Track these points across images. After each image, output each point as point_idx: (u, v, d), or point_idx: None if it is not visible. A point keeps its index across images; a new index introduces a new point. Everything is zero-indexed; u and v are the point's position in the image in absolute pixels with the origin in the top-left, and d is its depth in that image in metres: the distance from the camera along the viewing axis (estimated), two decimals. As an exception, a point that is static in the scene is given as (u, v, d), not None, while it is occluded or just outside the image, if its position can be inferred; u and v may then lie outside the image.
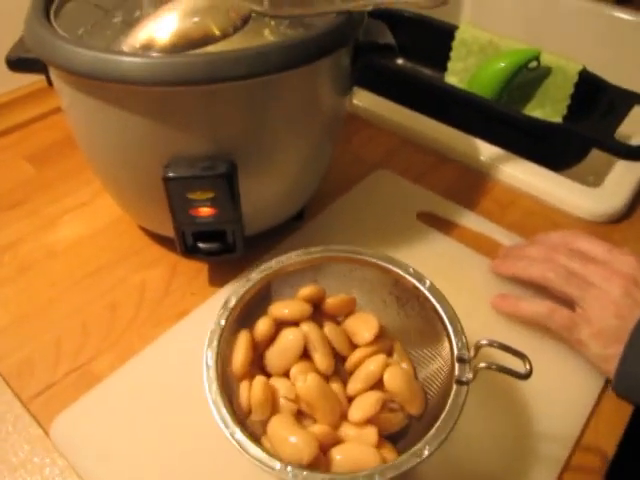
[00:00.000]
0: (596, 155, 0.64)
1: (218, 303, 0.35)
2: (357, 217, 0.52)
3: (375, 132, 0.64)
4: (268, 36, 0.36)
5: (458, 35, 0.81)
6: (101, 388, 0.40)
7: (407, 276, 0.35)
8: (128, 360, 0.42)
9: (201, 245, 0.44)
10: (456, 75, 0.83)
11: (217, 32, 0.35)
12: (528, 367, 0.31)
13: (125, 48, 0.36)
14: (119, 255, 0.50)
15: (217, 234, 0.43)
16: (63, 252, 0.51)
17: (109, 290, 0.47)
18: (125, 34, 0.37)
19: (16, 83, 0.65)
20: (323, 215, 0.52)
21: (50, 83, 0.42)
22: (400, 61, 0.89)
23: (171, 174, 0.38)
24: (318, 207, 0.53)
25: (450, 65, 0.83)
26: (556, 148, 0.66)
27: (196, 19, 0.35)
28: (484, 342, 0.31)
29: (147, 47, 0.35)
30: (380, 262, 0.36)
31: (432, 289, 0.35)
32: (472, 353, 0.32)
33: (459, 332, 0.33)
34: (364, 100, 0.67)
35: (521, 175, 0.58)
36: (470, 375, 0.31)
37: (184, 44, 0.35)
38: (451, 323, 0.34)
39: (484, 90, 0.76)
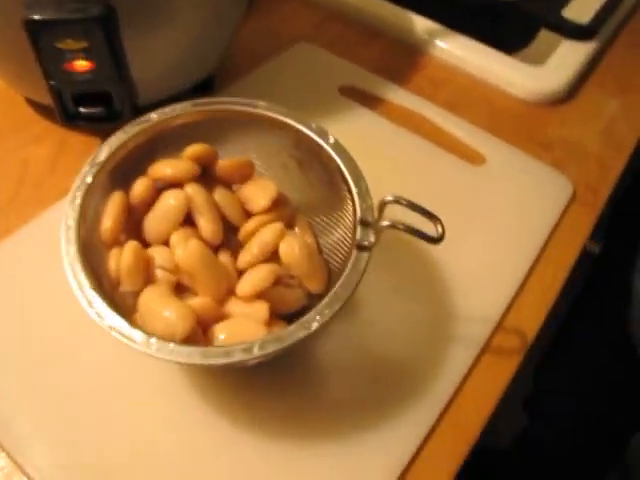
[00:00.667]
0: (543, 38, 0.59)
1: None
2: (273, 90, 0.46)
3: (300, 5, 0.58)
4: None
5: None
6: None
7: (309, 132, 0.31)
8: (3, 239, 0.37)
9: (83, 110, 0.38)
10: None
11: None
12: (440, 230, 0.27)
13: None
14: (1, 130, 0.44)
15: (102, 98, 0.37)
16: None
17: (-11, 166, 0.42)
18: None
19: None
20: (234, 87, 0.46)
21: None
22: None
23: (33, 16, 0.31)
24: (229, 79, 0.47)
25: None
26: (502, 27, 0.61)
27: None
28: (389, 198, 0.27)
29: None
30: (278, 116, 0.31)
31: (336, 146, 0.30)
32: (376, 214, 0.28)
33: (364, 193, 0.29)
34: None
35: (458, 51, 0.53)
36: (372, 238, 0.27)
37: None
38: (356, 184, 0.29)
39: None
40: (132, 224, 0.31)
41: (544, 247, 0.41)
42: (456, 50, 0.53)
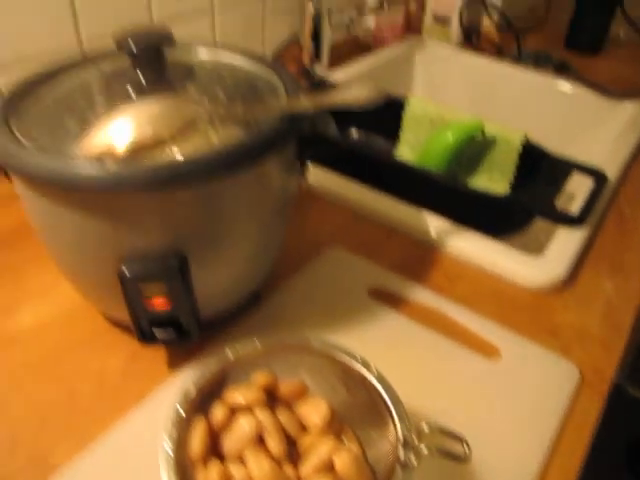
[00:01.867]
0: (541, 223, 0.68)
1: (176, 386, 0.37)
2: (310, 296, 0.54)
3: (328, 207, 0.67)
4: (212, 137, 0.39)
5: (408, 108, 0.85)
6: (57, 478, 0.40)
7: (355, 364, 0.37)
8: (85, 448, 0.42)
9: (157, 333, 0.45)
10: (408, 145, 0.87)
11: (167, 138, 0.37)
12: (467, 450, 0.33)
13: (81, 154, 0.38)
14: (79, 341, 0.51)
15: (173, 322, 0.45)
16: (23, 339, 0.51)
17: (68, 377, 0.48)
18: (80, 138, 0.39)
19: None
20: (278, 295, 0.54)
21: (9, 180, 0.43)
22: (354, 132, 0.93)
23: (125, 270, 0.40)
24: (274, 286, 0.55)
25: (402, 136, 0.87)
26: (501, 218, 0.70)
27: (149, 126, 0.38)
28: (425, 428, 0.33)
29: (103, 154, 0.37)
30: (329, 350, 0.38)
31: (379, 377, 0.37)
32: (415, 438, 0.34)
33: (403, 417, 0.35)
34: (318, 177, 0.70)
35: (467, 247, 0.61)
36: (414, 462, 0.33)
37: (137, 151, 0.37)
38: (396, 409, 0.35)
39: (435, 160, 0.80)
40: (212, 441, 0.37)
41: (559, 434, 0.46)
42: (466, 246, 0.61)
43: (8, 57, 0.66)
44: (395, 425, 0.35)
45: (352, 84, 0.44)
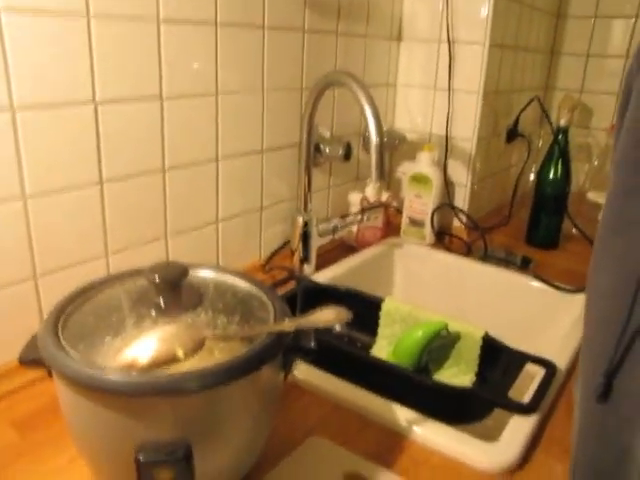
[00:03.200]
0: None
1: None
2: (293, 482, 0.63)
3: (311, 399, 0.77)
4: (217, 354, 0.51)
5: (384, 307, 0.98)
6: None
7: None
8: None
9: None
10: (385, 339, 0.99)
11: (181, 355, 0.49)
12: None
13: (112, 364, 0.49)
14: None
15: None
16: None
17: None
18: (112, 351, 0.51)
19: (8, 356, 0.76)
20: (264, 481, 0.63)
21: (50, 376, 0.54)
22: (338, 327, 1.06)
23: (141, 458, 0.49)
24: (261, 472, 0.64)
25: (379, 331, 1.00)
26: (464, 407, 0.80)
27: (167, 345, 0.50)
28: None
29: (131, 366, 0.49)
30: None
31: None
32: None
33: None
34: (303, 372, 0.81)
35: (432, 435, 0.70)
36: None
37: (157, 364, 0.49)
38: None
39: (408, 353, 0.92)
40: None
41: None
42: (430, 434, 0.70)
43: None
44: None
45: (325, 308, 0.57)
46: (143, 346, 0.50)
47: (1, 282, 0.75)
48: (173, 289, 0.57)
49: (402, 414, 0.73)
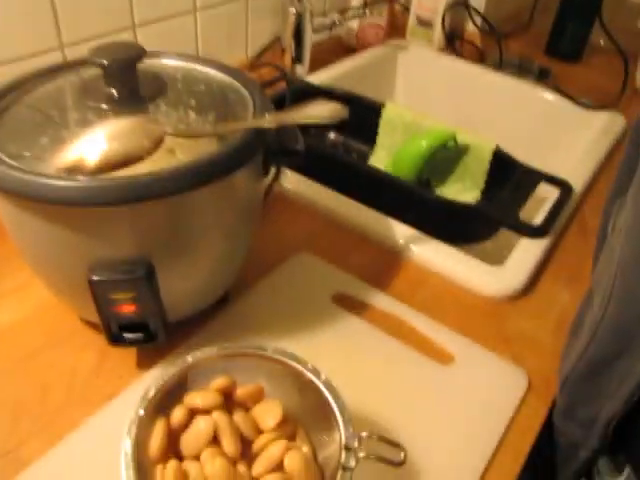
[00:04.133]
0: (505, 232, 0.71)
1: (143, 387, 0.39)
2: (276, 300, 0.57)
3: (300, 212, 0.70)
4: (180, 155, 0.41)
5: (384, 113, 0.88)
6: (27, 475, 0.43)
7: (305, 371, 0.40)
8: (56, 445, 0.45)
9: (126, 335, 0.47)
10: (384, 149, 0.89)
11: (136, 154, 0.40)
12: (402, 456, 0.35)
13: (54, 167, 0.40)
14: (52, 339, 0.53)
15: (141, 325, 0.47)
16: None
17: (41, 374, 0.50)
18: (54, 151, 0.41)
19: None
20: (245, 298, 0.56)
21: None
22: (332, 135, 0.95)
23: (95, 277, 0.42)
24: (242, 289, 0.57)
25: (378, 140, 0.90)
26: (467, 226, 0.73)
27: (119, 143, 0.40)
28: (364, 434, 0.36)
29: (75, 168, 0.39)
30: (282, 358, 0.41)
31: (326, 383, 0.39)
32: (356, 443, 0.36)
33: (347, 424, 0.38)
34: (291, 181, 0.72)
35: (431, 255, 0.63)
36: (353, 463, 0.36)
37: (107, 166, 0.39)
38: (341, 414, 0.38)
39: (408, 165, 0.83)
40: (171, 440, 0.39)
41: (504, 435, 0.49)
42: (429, 254, 0.64)
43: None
44: (339, 430, 0.37)
45: (316, 103, 0.46)
46: (90, 144, 0.40)
47: None
48: (127, 75, 0.45)
49: (400, 231, 0.66)
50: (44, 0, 0.69)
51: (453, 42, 1.21)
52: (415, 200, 0.71)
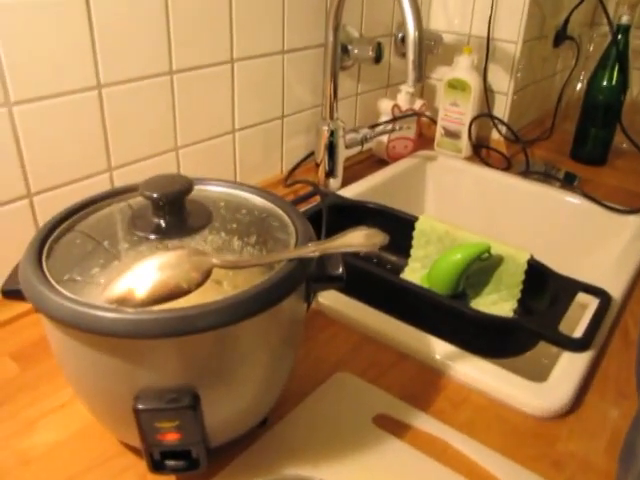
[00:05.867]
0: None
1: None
2: (317, 423, 0.56)
3: (338, 329, 0.70)
4: (226, 286, 0.43)
5: (418, 226, 0.89)
6: None
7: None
8: None
9: (168, 462, 0.47)
10: (418, 261, 0.90)
11: (185, 286, 0.41)
12: None
13: (104, 298, 0.41)
14: (91, 463, 0.53)
15: (183, 451, 0.47)
16: (37, 459, 0.53)
17: (80, 501, 0.50)
18: (105, 282, 0.43)
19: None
20: (284, 421, 0.56)
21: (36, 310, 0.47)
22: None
23: (140, 406, 0.42)
24: (282, 411, 0.57)
25: (412, 252, 0.91)
26: (507, 339, 0.72)
27: (167, 275, 0.41)
28: None
29: (124, 300, 0.41)
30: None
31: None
32: None
33: None
34: (328, 298, 0.73)
35: (472, 372, 0.62)
36: None
37: (156, 298, 0.40)
38: None
39: (444, 278, 0.83)
40: None
41: None
42: (469, 371, 0.63)
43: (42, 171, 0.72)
44: None
45: (357, 230, 0.47)
46: (139, 276, 0.42)
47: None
48: (175, 207, 0.48)
49: (438, 347, 0.65)
50: (97, 126, 0.74)
51: (480, 151, 1.25)
52: (452, 315, 0.71)
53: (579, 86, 1.45)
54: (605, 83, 1.21)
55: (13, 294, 0.47)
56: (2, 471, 0.52)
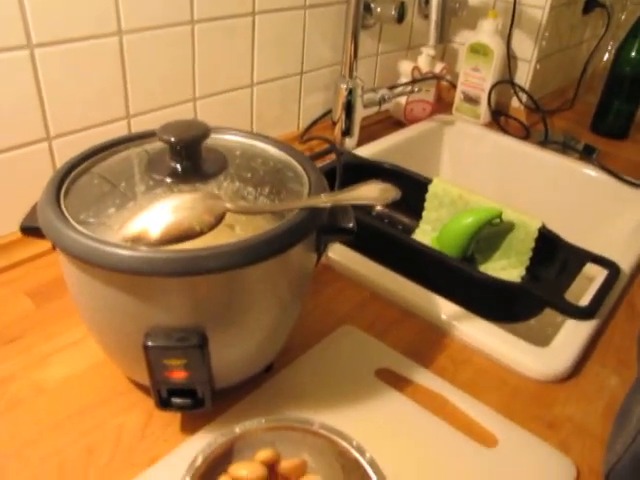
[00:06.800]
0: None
1: (186, 451, 0.40)
2: (320, 372, 0.57)
3: (346, 285, 0.71)
4: (239, 230, 0.43)
5: (431, 188, 0.89)
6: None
7: (350, 449, 0.40)
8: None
9: (174, 400, 0.48)
10: (429, 224, 0.91)
11: (197, 228, 0.42)
12: None
13: (119, 236, 0.42)
14: (101, 397, 0.55)
15: (189, 391, 0.48)
16: (50, 390, 0.55)
17: (88, 432, 0.51)
18: (121, 221, 0.44)
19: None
20: (290, 368, 0.57)
21: (54, 248, 0.48)
22: (378, 207, 0.97)
23: (150, 343, 0.43)
24: (287, 359, 0.58)
25: (424, 214, 0.91)
26: (513, 304, 0.72)
27: (181, 217, 0.42)
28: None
29: (139, 238, 0.42)
30: (328, 434, 0.41)
31: (371, 463, 0.39)
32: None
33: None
34: (338, 253, 0.73)
35: (476, 333, 0.63)
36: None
37: (170, 238, 0.41)
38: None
39: (454, 241, 0.84)
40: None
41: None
42: (474, 332, 0.63)
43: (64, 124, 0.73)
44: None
45: (370, 183, 0.48)
46: (154, 216, 0.43)
47: (11, 144, 0.68)
48: (192, 152, 0.48)
49: (444, 308, 0.66)
50: (116, 72, 0.75)
51: (498, 118, 1.24)
52: (460, 277, 0.72)
53: (606, 56, 1.43)
54: (634, 54, 1.18)
55: (31, 231, 0.48)
56: (19, 397, 0.54)
